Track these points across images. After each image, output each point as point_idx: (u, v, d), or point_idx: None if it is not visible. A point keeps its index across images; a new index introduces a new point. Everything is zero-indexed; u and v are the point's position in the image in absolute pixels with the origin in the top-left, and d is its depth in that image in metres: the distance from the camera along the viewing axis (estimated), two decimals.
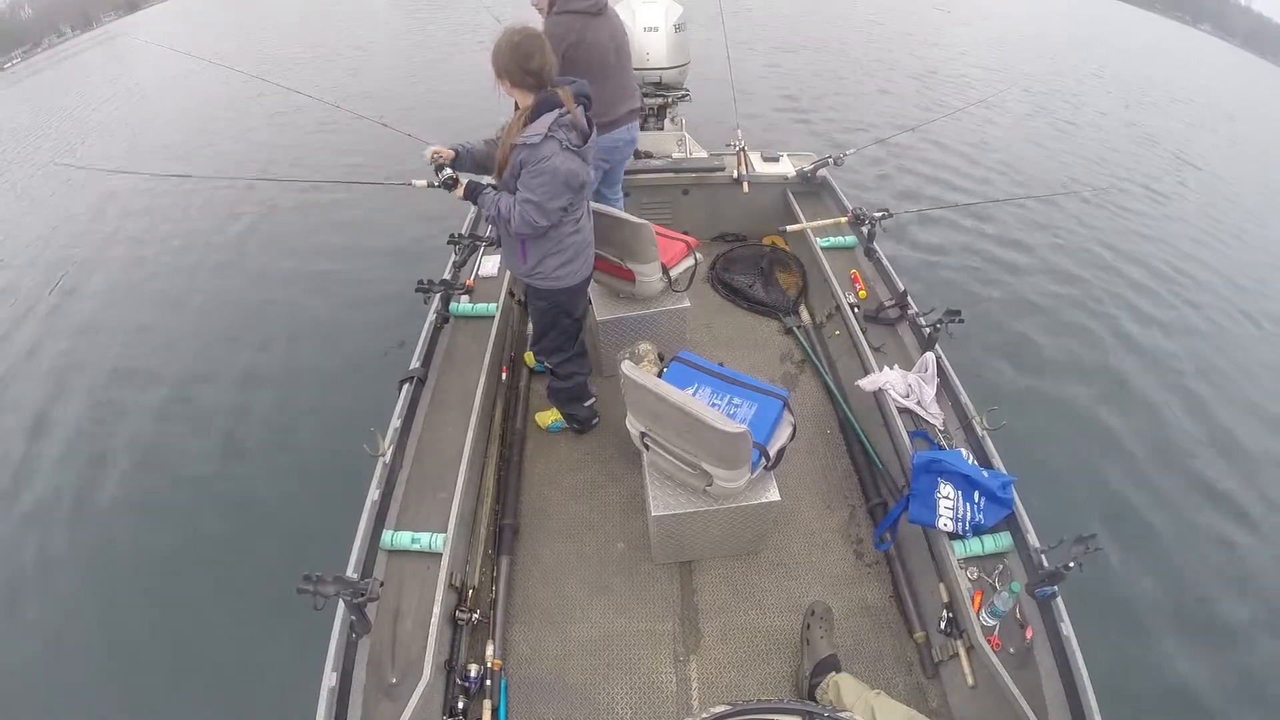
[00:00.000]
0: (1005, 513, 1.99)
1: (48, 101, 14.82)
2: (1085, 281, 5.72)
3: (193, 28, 22.10)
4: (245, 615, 2.86)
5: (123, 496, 3.66)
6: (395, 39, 15.84)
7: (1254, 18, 49.96)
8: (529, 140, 1.87)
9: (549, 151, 1.87)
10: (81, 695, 2.76)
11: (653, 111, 4.38)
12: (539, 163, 1.88)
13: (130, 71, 16.74)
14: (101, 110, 12.31)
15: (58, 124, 12.04)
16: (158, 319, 5.26)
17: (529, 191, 1.92)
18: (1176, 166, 9.41)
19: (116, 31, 27.36)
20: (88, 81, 16.14)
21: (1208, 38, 36.02)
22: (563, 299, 2.34)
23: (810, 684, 1.85)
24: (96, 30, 33.07)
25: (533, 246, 2.14)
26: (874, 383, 2.48)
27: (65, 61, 21.18)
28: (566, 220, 2.11)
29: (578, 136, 1.94)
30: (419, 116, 8.96)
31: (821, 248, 3.32)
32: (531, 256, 2.17)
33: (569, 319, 2.43)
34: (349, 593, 1.62)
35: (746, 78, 9.94)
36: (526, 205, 1.94)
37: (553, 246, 2.15)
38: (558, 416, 2.79)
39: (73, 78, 17.31)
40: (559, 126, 1.88)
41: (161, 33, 20.02)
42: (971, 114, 8.56)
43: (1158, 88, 14.89)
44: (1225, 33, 41.90)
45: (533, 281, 2.26)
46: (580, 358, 2.59)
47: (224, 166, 7.96)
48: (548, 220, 2.00)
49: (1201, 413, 4.29)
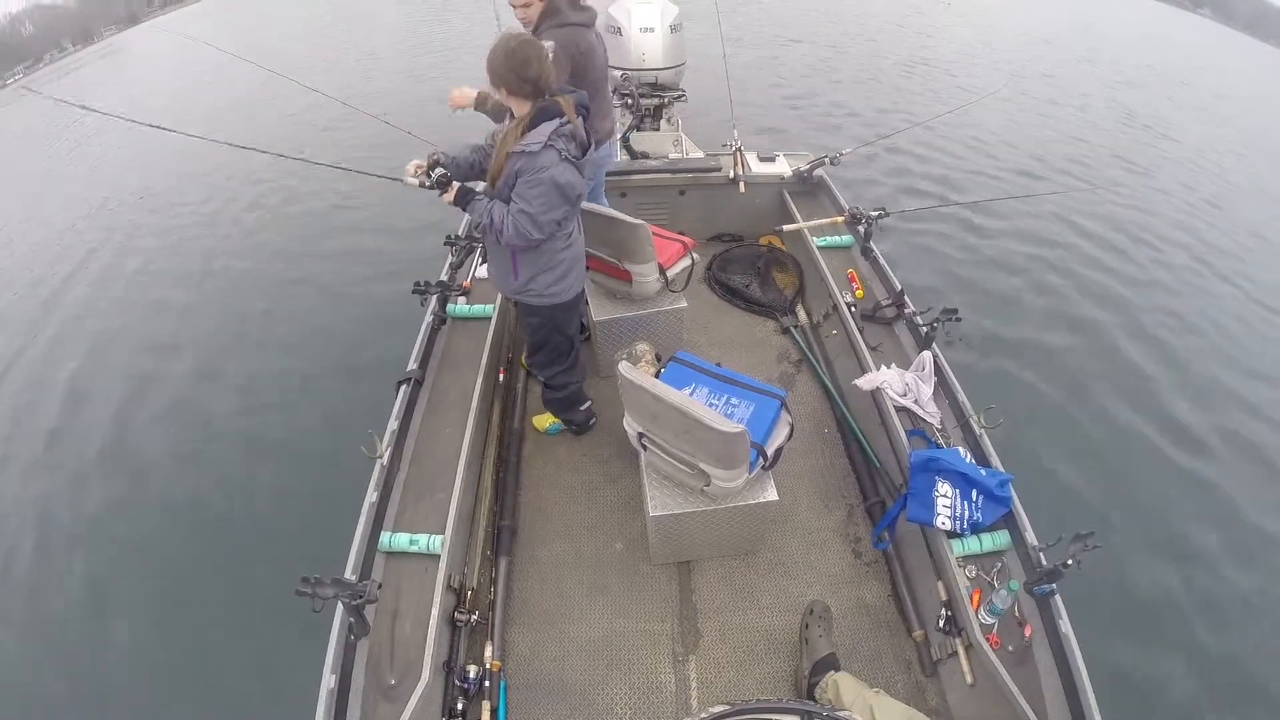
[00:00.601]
0: (1003, 511, 1.99)
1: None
2: (1085, 279, 5.73)
3: (194, 38, 22.12)
4: (244, 617, 2.85)
5: (120, 500, 3.65)
6: (399, 40, 15.86)
7: (1255, 3, 49.45)
8: (528, 148, 1.82)
9: (547, 161, 1.83)
10: (81, 695, 2.75)
11: (649, 112, 4.39)
12: (537, 172, 1.83)
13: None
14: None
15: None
16: (157, 319, 5.25)
17: (524, 202, 1.88)
18: (1176, 155, 9.45)
19: (119, 45, 27.38)
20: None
21: (1207, 22, 35.93)
22: (556, 315, 2.29)
23: (809, 683, 1.86)
24: (98, 44, 33.05)
25: (524, 262, 2.09)
26: (871, 382, 2.49)
27: (66, 76, 21.16)
28: (559, 234, 2.06)
29: (576, 148, 1.90)
30: (418, 115, 8.95)
31: (818, 247, 3.33)
32: (523, 273, 2.12)
33: (561, 336, 2.38)
34: (347, 594, 1.62)
35: (743, 77, 9.95)
36: (521, 216, 1.89)
37: (546, 262, 2.10)
38: (555, 420, 2.79)
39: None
40: (559, 136, 1.84)
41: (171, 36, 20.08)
42: (968, 112, 8.56)
43: (1160, 75, 14.88)
44: (1226, 18, 41.71)
45: (524, 299, 2.21)
46: (573, 369, 2.55)
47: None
48: (541, 233, 1.94)
49: (1205, 411, 4.29)
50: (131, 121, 2.49)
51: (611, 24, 3.98)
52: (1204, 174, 9.16)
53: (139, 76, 17.48)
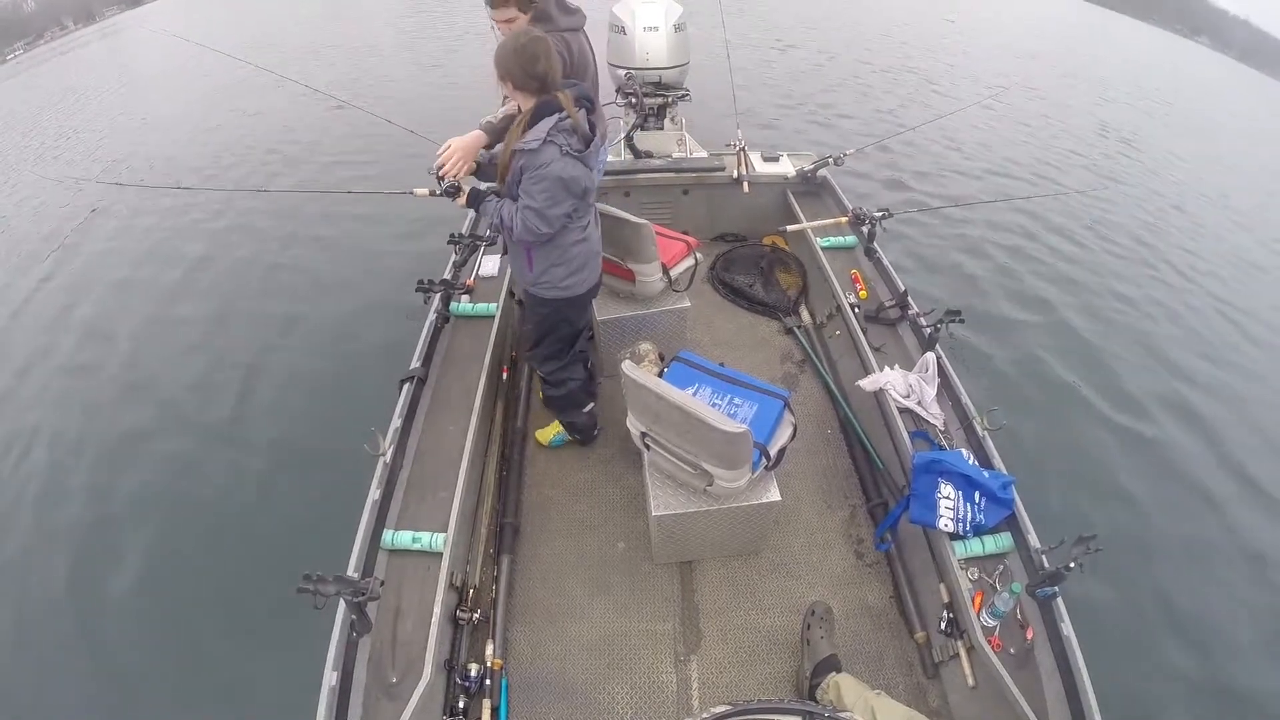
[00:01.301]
0: (1006, 513, 1.99)
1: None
2: (1085, 279, 5.72)
3: (195, 22, 22.14)
4: (246, 614, 2.85)
5: (121, 496, 3.65)
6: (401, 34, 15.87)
7: (1253, 31, 49.83)
8: (528, 146, 1.85)
9: (548, 157, 1.84)
10: (80, 695, 2.76)
11: (653, 111, 4.38)
12: (539, 169, 1.85)
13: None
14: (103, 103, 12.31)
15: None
16: (155, 320, 5.25)
17: (529, 198, 1.90)
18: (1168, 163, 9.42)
19: (123, 24, 27.41)
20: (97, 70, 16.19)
21: (1204, 49, 35.88)
22: (567, 308, 2.29)
23: (811, 684, 1.85)
24: (101, 23, 33.06)
25: (539, 255, 2.11)
26: (874, 383, 2.48)
27: (67, 54, 21.18)
28: (572, 228, 2.07)
29: (579, 141, 1.89)
30: (422, 114, 8.95)
31: (822, 247, 3.32)
32: (538, 265, 2.13)
33: (569, 327, 2.38)
34: (349, 592, 1.62)
35: (747, 77, 9.94)
36: (527, 212, 1.92)
37: (559, 255, 2.11)
38: (558, 430, 2.74)
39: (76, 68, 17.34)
40: (559, 131, 1.84)
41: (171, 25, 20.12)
42: (969, 115, 8.57)
43: (1153, 95, 14.88)
44: (1223, 45, 41.75)
45: (538, 291, 2.22)
46: (574, 365, 2.52)
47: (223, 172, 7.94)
48: (550, 227, 1.96)
49: (1206, 420, 4.28)
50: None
51: (615, 23, 3.97)
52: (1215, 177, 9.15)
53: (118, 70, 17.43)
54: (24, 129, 11.64)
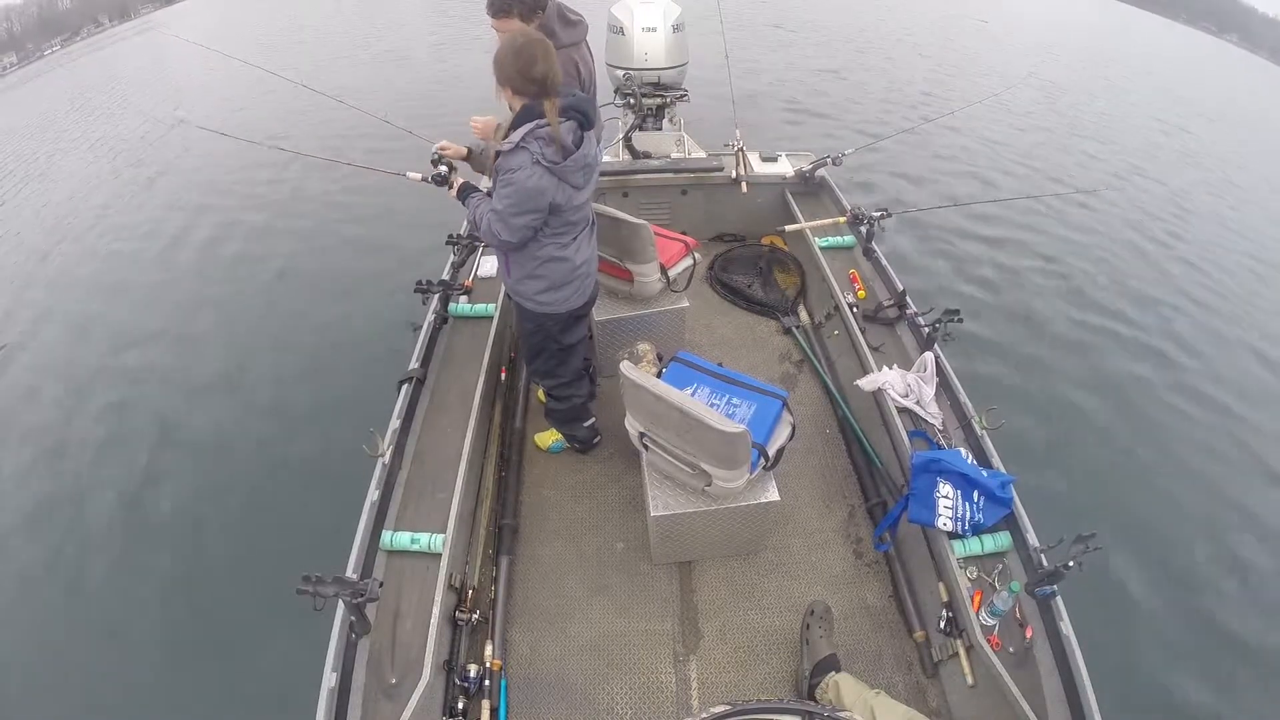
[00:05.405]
0: (1004, 512, 1.99)
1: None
2: (1084, 280, 5.72)
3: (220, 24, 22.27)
4: (245, 615, 2.85)
5: (121, 499, 3.65)
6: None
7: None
8: (503, 147, 1.80)
9: (517, 163, 1.78)
10: (80, 694, 2.76)
11: (651, 112, 4.37)
12: (507, 172, 1.80)
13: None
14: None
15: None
16: (153, 319, 5.25)
17: (497, 200, 1.86)
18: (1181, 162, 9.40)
19: (157, 22, 27.57)
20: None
21: (1233, 48, 35.59)
22: (549, 325, 2.19)
23: (810, 684, 1.85)
24: (135, 21, 33.17)
25: (514, 262, 2.04)
26: (873, 382, 2.48)
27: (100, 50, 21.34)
28: (547, 242, 1.97)
29: (555, 152, 1.79)
30: (420, 113, 8.95)
31: (820, 247, 3.32)
32: (514, 273, 2.07)
33: (555, 344, 2.28)
34: (349, 593, 1.62)
35: (746, 77, 9.94)
36: (492, 215, 1.86)
37: (534, 268, 2.02)
38: (557, 437, 2.72)
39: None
40: (533, 138, 1.76)
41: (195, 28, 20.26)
42: (972, 114, 8.58)
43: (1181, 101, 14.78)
44: (1253, 45, 41.42)
45: (518, 299, 2.16)
46: (577, 382, 2.45)
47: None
48: (511, 235, 1.88)
49: (1208, 413, 4.29)
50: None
51: (614, 23, 3.97)
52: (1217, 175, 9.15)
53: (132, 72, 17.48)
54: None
